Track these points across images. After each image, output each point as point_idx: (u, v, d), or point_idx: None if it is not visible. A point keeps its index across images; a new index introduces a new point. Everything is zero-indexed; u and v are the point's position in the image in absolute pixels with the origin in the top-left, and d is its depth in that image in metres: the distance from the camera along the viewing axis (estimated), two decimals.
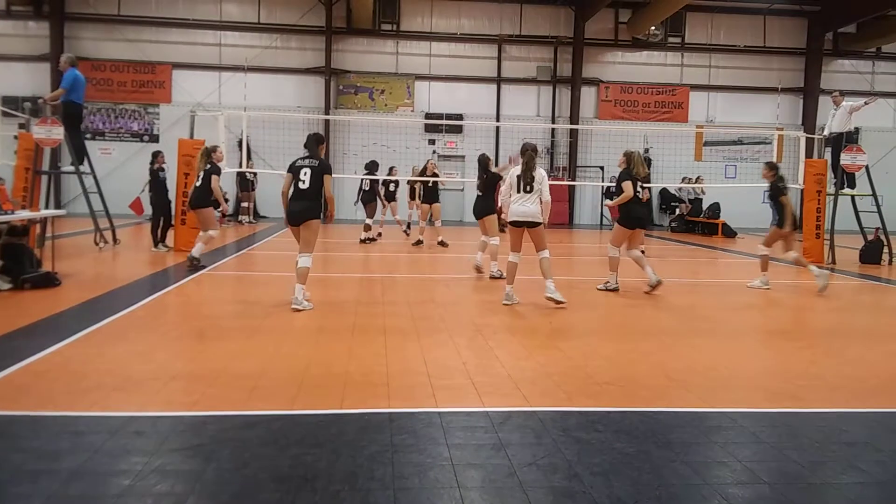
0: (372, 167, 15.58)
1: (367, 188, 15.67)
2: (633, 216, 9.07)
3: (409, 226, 16.66)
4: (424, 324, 6.82)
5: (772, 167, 9.95)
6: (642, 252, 9.33)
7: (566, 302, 7.84)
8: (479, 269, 10.44)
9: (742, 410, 4.37)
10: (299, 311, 7.22)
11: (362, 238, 15.18)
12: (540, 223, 7.96)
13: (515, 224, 8.02)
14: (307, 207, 7.43)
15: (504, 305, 7.87)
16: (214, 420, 3.94)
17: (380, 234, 16.00)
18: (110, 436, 3.62)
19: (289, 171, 7.58)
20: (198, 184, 10.34)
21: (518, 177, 7.95)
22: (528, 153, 7.94)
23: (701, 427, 4.07)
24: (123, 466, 3.26)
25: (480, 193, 10.67)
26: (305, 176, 7.40)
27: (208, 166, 10.30)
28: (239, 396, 4.36)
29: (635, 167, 9.08)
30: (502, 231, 11.53)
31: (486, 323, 6.93)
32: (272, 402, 4.27)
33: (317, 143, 7.65)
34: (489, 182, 10.54)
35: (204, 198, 10.23)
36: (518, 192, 7.95)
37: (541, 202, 7.94)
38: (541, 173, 7.98)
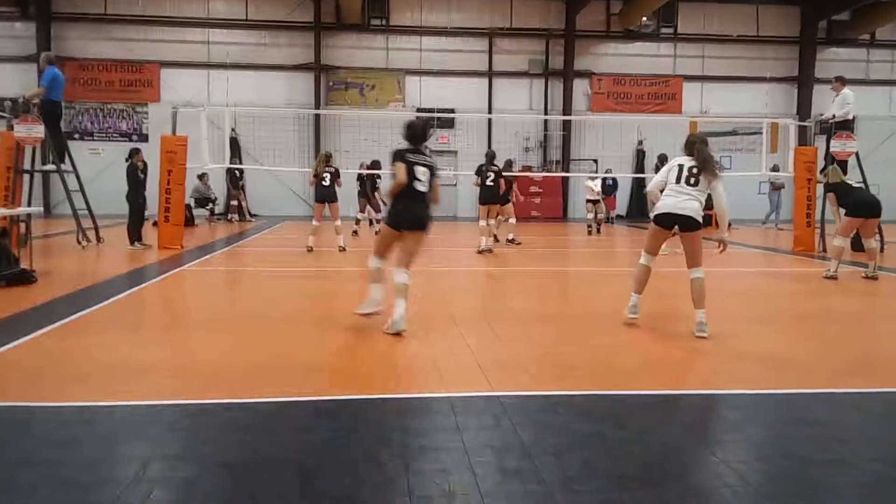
0: (374, 166, 16.06)
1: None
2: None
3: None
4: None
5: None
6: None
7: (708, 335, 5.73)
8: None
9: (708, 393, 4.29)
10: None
11: (377, 231, 15.82)
12: (698, 225, 5.84)
13: (661, 221, 6.00)
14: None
15: (630, 318, 6.19)
16: (169, 409, 3.86)
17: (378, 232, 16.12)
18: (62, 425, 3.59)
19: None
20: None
21: (680, 165, 5.99)
22: (697, 145, 5.97)
23: (665, 409, 3.99)
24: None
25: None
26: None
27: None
28: (197, 385, 4.27)
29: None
30: None
31: (458, 310, 6.82)
32: (229, 391, 4.17)
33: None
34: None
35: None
36: (677, 182, 5.93)
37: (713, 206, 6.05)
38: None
